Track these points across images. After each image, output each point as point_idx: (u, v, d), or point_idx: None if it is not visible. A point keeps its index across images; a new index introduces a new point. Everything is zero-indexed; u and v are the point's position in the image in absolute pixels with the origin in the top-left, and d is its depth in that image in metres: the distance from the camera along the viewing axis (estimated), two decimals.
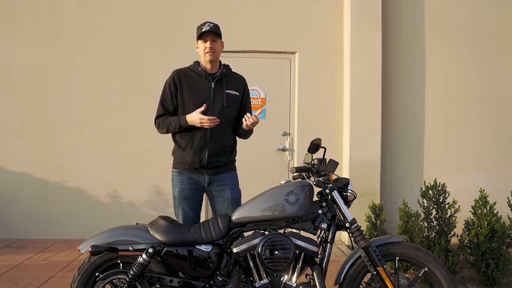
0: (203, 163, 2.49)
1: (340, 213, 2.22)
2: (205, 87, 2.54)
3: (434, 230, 3.33)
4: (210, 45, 2.49)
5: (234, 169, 2.66)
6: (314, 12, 4.66)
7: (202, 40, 2.52)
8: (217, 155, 2.52)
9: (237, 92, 2.59)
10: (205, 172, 2.53)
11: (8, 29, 4.49)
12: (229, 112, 2.55)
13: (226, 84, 2.57)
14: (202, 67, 2.58)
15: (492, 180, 4.71)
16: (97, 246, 2.09)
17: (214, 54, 2.51)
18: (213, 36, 2.51)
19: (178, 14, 4.58)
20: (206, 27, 2.49)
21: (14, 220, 4.46)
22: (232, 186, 2.57)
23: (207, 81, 2.56)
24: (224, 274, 2.18)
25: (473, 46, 4.76)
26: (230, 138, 2.60)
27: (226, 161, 2.57)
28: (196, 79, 2.57)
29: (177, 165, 2.59)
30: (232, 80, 2.63)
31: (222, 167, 2.56)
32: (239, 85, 2.63)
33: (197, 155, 2.49)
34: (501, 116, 4.79)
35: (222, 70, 2.59)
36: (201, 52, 2.55)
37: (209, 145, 2.49)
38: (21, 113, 4.49)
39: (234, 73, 2.69)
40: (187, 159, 2.52)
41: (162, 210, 4.53)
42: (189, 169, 2.54)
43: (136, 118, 4.54)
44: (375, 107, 4.49)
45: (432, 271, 2.20)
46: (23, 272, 3.44)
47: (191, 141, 2.51)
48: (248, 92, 2.70)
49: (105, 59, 4.54)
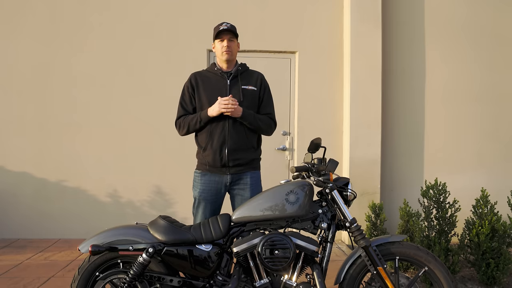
0: (224, 161, 2.49)
1: (340, 212, 2.22)
2: (221, 85, 2.55)
3: (434, 230, 3.32)
4: (227, 44, 2.51)
5: (257, 168, 2.63)
6: (314, 12, 4.65)
7: (219, 39, 2.54)
8: (237, 151, 2.51)
9: (253, 87, 2.59)
10: (227, 171, 2.52)
11: (8, 29, 4.49)
12: (247, 107, 2.53)
13: (241, 80, 2.58)
14: (218, 66, 2.60)
15: (492, 179, 4.71)
16: (97, 246, 2.09)
17: (231, 53, 2.54)
18: (230, 36, 2.53)
19: (178, 13, 4.58)
20: (224, 27, 2.51)
21: (14, 220, 4.47)
22: (253, 186, 2.56)
23: (222, 79, 2.58)
24: (224, 273, 2.18)
25: (474, 45, 4.76)
26: (251, 134, 2.57)
27: (249, 159, 2.55)
28: (212, 78, 2.59)
29: (200, 166, 2.59)
30: (248, 76, 2.63)
31: (244, 166, 2.54)
32: (255, 79, 2.63)
33: (217, 153, 2.49)
34: (502, 116, 4.79)
35: (238, 67, 2.60)
36: (218, 52, 2.56)
37: (229, 142, 2.49)
38: (21, 113, 4.50)
39: (251, 70, 2.69)
40: (208, 159, 2.52)
41: (162, 210, 4.53)
42: (210, 170, 2.54)
43: (136, 118, 4.54)
44: (375, 107, 4.48)
45: (432, 270, 2.20)
46: (24, 272, 3.44)
47: (210, 140, 2.52)
48: (266, 86, 2.67)
49: (105, 58, 4.54)
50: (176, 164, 4.54)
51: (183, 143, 4.49)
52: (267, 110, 2.65)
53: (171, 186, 4.56)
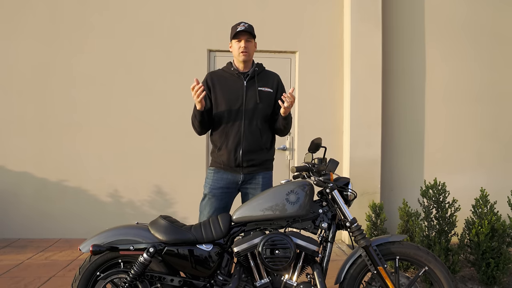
0: (238, 161, 2.50)
1: (340, 212, 2.22)
2: (238, 86, 2.55)
3: (434, 229, 3.33)
4: (245, 45, 2.52)
5: (270, 168, 2.65)
6: (314, 11, 4.66)
7: (237, 39, 2.54)
8: (252, 152, 2.51)
9: (270, 89, 2.59)
10: (241, 171, 2.53)
11: (8, 29, 4.50)
12: (263, 108, 2.54)
13: (258, 82, 2.58)
14: (234, 67, 2.61)
15: (492, 179, 4.71)
16: (98, 246, 2.10)
17: (248, 54, 2.55)
18: (247, 36, 2.54)
19: (178, 13, 4.58)
20: (241, 27, 2.51)
21: (15, 219, 4.47)
22: (264, 186, 2.57)
23: (239, 80, 2.58)
24: (224, 273, 2.19)
25: (474, 44, 4.76)
26: (265, 135, 2.58)
27: (262, 160, 2.56)
28: (229, 79, 2.59)
29: (214, 164, 2.60)
30: (265, 77, 2.63)
31: (258, 166, 2.55)
32: (272, 81, 2.63)
33: (232, 153, 2.50)
34: (502, 115, 4.80)
35: (254, 68, 2.60)
36: (235, 52, 2.57)
37: (244, 143, 2.50)
38: (22, 113, 4.50)
39: (268, 71, 2.69)
40: (223, 159, 2.53)
41: (163, 210, 4.54)
42: (224, 168, 2.55)
43: (136, 118, 4.54)
44: (375, 106, 4.49)
45: (433, 270, 2.20)
46: (24, 272, 3.44)
47: (226, 140, 2.53)
48: (282, 88, 2.67)
49: (105, 58, 4.54)
50: (177, 164, 4.54)
51: (183, 142, 4.49)
52: None
53: (171, 186, 4.56)
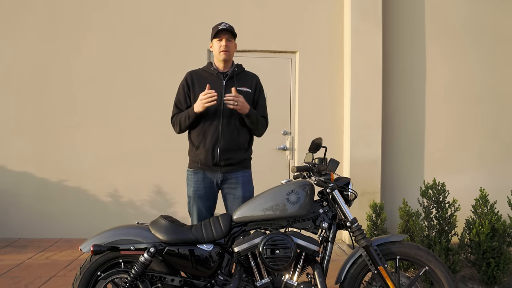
0: (216, 160, 2.52)
1: (341, 212, 2.22)
2: (217, 85, 2.57)
3: (435, 229, 3.33)
4: (225, 44, 2.53)
5: (248, 167, 2.67)
6: (314, 11, 4.66)
7: (218, 38, 2.56)
8: (229, 151, 2.53)
9: (248, 89, 2.61)
10: (219, 170, 2.55)
11: (7, 28, 4.50)
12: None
13: (237, 82, 2.60)
14: (214, 66, 2.62)
15: (493, 179, 4.71)
16: (99, 246, 2.10)
17: (228, 53, 2.56)
18: (228, 35, 2.55)
19: (177, 12, 4.58)
20: (222, 26, 2.53)
21: (16, 219, 4.47)
22: (244, 185, 2.58)
23: (218, 79, 2.59)
24: (225, 273, 2.19)
25: (475, 44, 4.76)
26: (243, 135, 2.60)
27: (239, 159, 2.58)
28: (208, 78, 2.60)
29: (192, 165, 2.62)
30: (244, 77, 2.65)
31: (236, 165, 2.57)
32: (251, 81, 2.65)
33: (209, 152, 2.52)
34: (502, 115, 4.79)
35: (234, 68, 2.62)
36: (216, 51, 2.58)
37: (221, 142, 2.52)
38: (21, 113, 4.50)
39: (247, 72, 2.71)
40: (200, 157, 2.55)
41: (163, 210, 4.54)
42: (202, 168, 2.57)
43: (136, 118, 4.55)
44: (375, 106, 4.49)
45: (433, 270, 2.20)
46: (25, 272, 3.44)
47: (203, 139, 2.54)
48: (261, 89, 2.69)
49: (105, 58, 4.54)
50: (177, 163, 4.54)
51: (183, 142, 4.45)
52: (262, 113, 2.67)
53: (171, 185, 4.57)
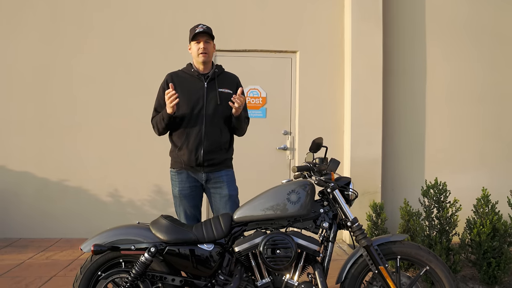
0: (199, 161, 2.54)
1: (341, 212, 2.22)
2: (198, 87, 2.59)
3: (435, 229, 3.33)
4: (204, 46, 2.55)
5: (230, 166, 2.71)
6: (314, 11, 4.65)
7: (196, 41, 2.58)
8: (212, 152, 2.56)
9: (230, 90, 2.64)
10: (202, 170, 2.58)
11: (8, 28, 4.50)
12: (223, 110, 2.58)
13: (218, 83, 2.62)
14: (195, 68, 2.64)
15: (494, 179, 4.70)
16: (99, 245, 2.10)
17: (207, 55, 2.58)
18: (206, 37, 2.57)
19: (177, 12, 4.58)
20: (200, 29, 2.56)
21: (16, 219, 4.47)
22: (229, 183, 2.62)
23: (199, 81, 2.61)
24: (226, 273, 2.19)
25: (475, 44, 4.75)
26: (225, 135, 2.63)
27: (222, 159, 2.61)
28: (189, 80, 2.62)
29: (175, 165, 2.63)
30: (225, 78, 2.68)
31: (219, 165, 2.60)
32: (231, 83, 2.68)
33: (193, 153, 2.54)
34: (503, 115, 4.78)
35: (214, 70, 2.64)
36: (194, 53, 2.60)
37: (204, 143, 2.54)
38: (22, 113, 4.50)
39: (227, 72, 2.74)
40: (183, 158, 2.56)
41: (163, 209, 4.54)
42: (186, 168, 2.59)
43: (137, 118, 4.54)
44: (376, 106, 4.48)
45: (434, 270, 2.20)
46: (25, 271, 3.45)
47: (186, 140, 2.56)
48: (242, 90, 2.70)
49: (106, 58, 4.54)
50: None
51: None
52: (244, 114, 2.68)
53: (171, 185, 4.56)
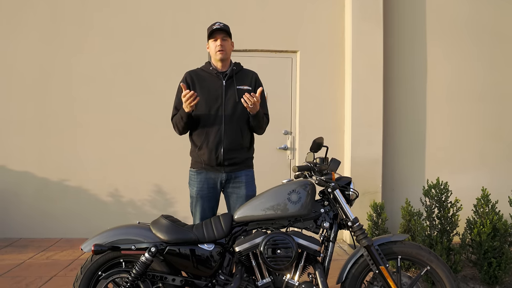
0: (220, 160, 2.51)
1: (342, 212, 2.22)
2: (217, 85, 2.57)
3: (436, 229, 3.32)
4: (221, 43, 2.53)
5: (251, 166, 2.67)
6: (315, 10, 4.65)
7: (213, 39, 2.55)
8: (233, 151, 2.53)
9: (249, 87, 2.61)
10: (222, 170, 2.54)
11: (8, 28, 4.49)
12: (242, 107, 2.54)
13: (237, 81, 2.60)
14: (213, 66, 2.62)
15: (494, 178, 4.70)
16: (100, 245, 2.10)
17: (225, 52, 2.56)
18: (223, 35, 2.55)
19: (178, 11, 4.57)
20: (217, 26, 2.53)
21: (16, 219, 4.47)
22: (247, 184, 2.59)
23: (218, 79, 2.59)
24: (226, 273, 2.19)
25: (476, 43, 4.75)
26: (246, 134, 2.60)
27: (243, 158, 2.58)
28: (208, 78, 2.60)
29: (195, 165, 2.61)
30: (243, 76, 2.65)
31: (239, 165, 2.57)
32: (250, 79, 2.65)
33: (213, 152, 2.51)
34: (504, 115, 4.78)
35: (232, 67, 2.62)
36: (212, 51, 2.58)
37: (224, 142, 2.51)
38: (23, 113, 4.50)
39: (246, 69, 2.71)
40: (203, 158, 2.54)
41: (164, 209, 4.54)
42: (206, 168, 2.56)
43: (137, 117, 4.54)
44: (376, 106, 4.48)
45: (434, 269, 2.20)
46: (25, 271, 3.44)
47: (206, 139, 2.53)
48: (260, 85, 2.68)
49: (106, 58, 4.54)
50: (177, 163, 4.53)
51: (183, 142, 4.43)
52: (263, 110, 2.66)
53: (171, 185, 4.56)
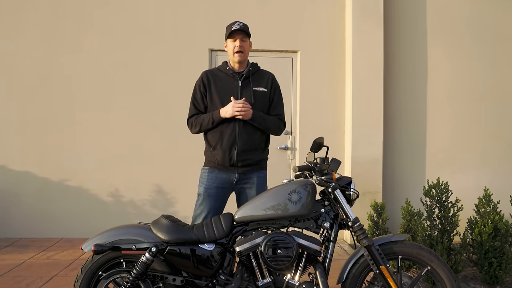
0: (233, 161, 2.51)
1: (342, 212, 2.22)
2: (233, 86, 2.56)
3: (437, 229, 3.32)
4: (240, 44, 2.52)
5: (264, 168, 2.66)
6: (315, 10, 4.65)
7: (232, 39, 2.54)
8: (247, 152, 2.52)
9: (264, 88, 2.61)
10: (235, 170, 2.54)
11: (9, 27, 4.49)
12: (258, 108, 2.54)
13: (253, 82, 2.59)
14: (230, 66, 2.61)
15: (495, 178, 4.69)
16: (101, 245, 2.10)
17: (243, 54, 2.55)
18: (243, 35, 2.54)
19: (178, 11, 4.57)
20: (236, 26, 2.51)
21: (17, 219, 4.47)
22: (259, 185, 2.58)
23: (234, 80, 2.59)
24: (227, 273, 2.19)
25: (477, 43, 4.74)
26: (261, 135, 2.59)
27: (257, 159, 2.58)
28: (224, 78, 2.60)
29: (208, 163, 2.61)
30: (260, 76, 2.64)
31: (253, 166, 2.56)
32: (266, 80, 2.64)
33: (227, 153, 2.51)
34: (505, 114, 4.78)
35: (249, 68, 2.61)
36: (230, 51, 2.57)
37: (239, 143, 2.51)
38: (23, 113, 4.50)
39: (262, 70, 2.70)
40: (217, 158, 2.53)
41: (164, 209, 4.54)
42: (219, 168, 2.55)
43: (138, 117, 4.54)
44: (377, 106, 4.48)
45: (435, 269, 2.20)
46: (26, 271, 3.45)
47: (220, 139, 2.53)
48: (277, 87, 2.68)
49: (108, 59, 4.54)
50: (177, 163, 4.54)
51: (184, 142, 4.48)
52: (277, 111, 2.67)
53: (172, 185, 4.56)
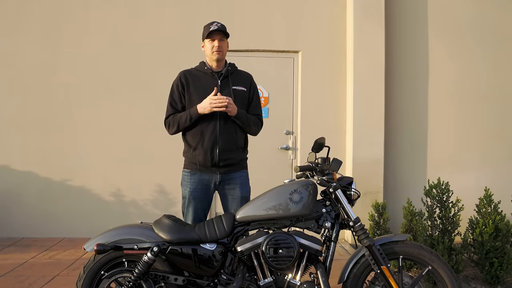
0: (215, 161, 2.51)
1: (343, 212, 2.23)
2: (212, 85, 2.56)
3: (438, 229, 3.32)
4: (219, 44, 2.53)
5: (245, 167, 2.68)
6: (316, 10, 4.65)
7: (210, 39, 2.55)
8: (228, 152, 2.53)
9: (244, 88, 2.62)
10: (217, 171, 2.54)
11: (9, 26, 4.51)
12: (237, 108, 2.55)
13: (232, 81, 2.60)
14: (208, 66, 2.62)
15: (496, 179, 4.68)
16: (103, 245, 2.11)
17: (221, 53, 2.56)
18: (221, 35, 2.55)
19: (178, 11, 4.58)
20: (214, 27, 2.53)
21: (19, 219, 4.49)
22: (242, 185, 2.59)
23: (213, 79, 2.59)
24: (228, 272, 2.19)
25: (478, 44, 4.74)
26: (240, 134, 2.61)
27: (238, 159, 2.59)
28: (203, 78, 2.60)
29: (189, 166, 2.60)
30: (238, 76, 2.66)
31: (234, 166, 2.57)
32: (245, 80, 2.66)
33: (208, 153, 2.50)
34: (506, 115, 4.77)
35: (227, 67, 2.62)
36: (208, 51, 2.58)
37: (220, 142, 2.51)
38: (26, 113, 4.51)
39: (240, 70, 2.72)
40: (198, 158, 2.53)
41: (166, 209, 4.55)
42: (200, 169, 2.55)
43: (140, 117, 4.55)
44: (378, 106, 4.48)
45: (436, 269, 2.20)
46: (28, 271, 3.46)
47: (201, 139, 2.52)
48: (255, 87, 2.70)
49: (110, 58, 4.55)
50: (179, 163, 4.49)
51: None
52: (256, 111, 2.68)
53: (173, 185, 4.56)
